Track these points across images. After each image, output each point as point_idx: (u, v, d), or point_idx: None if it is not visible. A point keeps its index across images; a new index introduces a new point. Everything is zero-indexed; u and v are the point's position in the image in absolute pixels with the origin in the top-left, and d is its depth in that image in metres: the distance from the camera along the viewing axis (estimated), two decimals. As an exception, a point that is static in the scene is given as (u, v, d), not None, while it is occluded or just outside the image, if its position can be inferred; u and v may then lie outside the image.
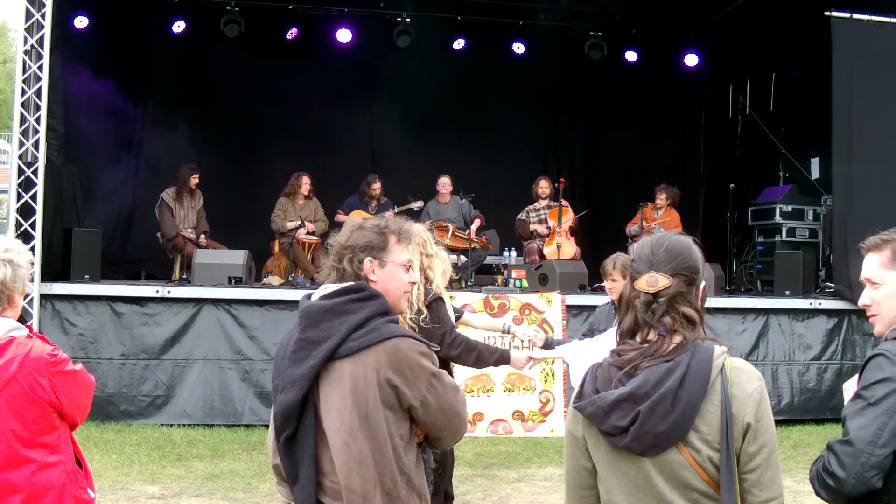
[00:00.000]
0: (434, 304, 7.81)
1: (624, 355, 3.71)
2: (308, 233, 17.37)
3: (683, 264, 3.75)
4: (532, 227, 18.14)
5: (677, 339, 3.65)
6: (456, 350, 7.98)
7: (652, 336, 3.69)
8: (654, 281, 3.71)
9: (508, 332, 9.73)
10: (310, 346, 4.45)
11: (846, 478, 4.02)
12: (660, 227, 18.27)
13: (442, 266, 8.05)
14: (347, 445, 4.40)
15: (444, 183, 18.35)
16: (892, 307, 4.38)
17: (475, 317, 10.03)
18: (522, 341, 10.30)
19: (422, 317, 7.62)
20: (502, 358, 8.40)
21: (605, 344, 8.22)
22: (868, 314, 4.48)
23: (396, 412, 4.50)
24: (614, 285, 8.82)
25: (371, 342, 4.43)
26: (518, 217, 18.45)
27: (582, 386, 3.78)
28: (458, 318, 8.91)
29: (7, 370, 4.93)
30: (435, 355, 4.65)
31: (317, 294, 4.61)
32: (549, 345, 9.21)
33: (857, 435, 4.05)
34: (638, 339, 3.75)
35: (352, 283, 4.58)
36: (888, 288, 4.39)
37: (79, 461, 5.33)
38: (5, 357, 4.96)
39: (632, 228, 18.70)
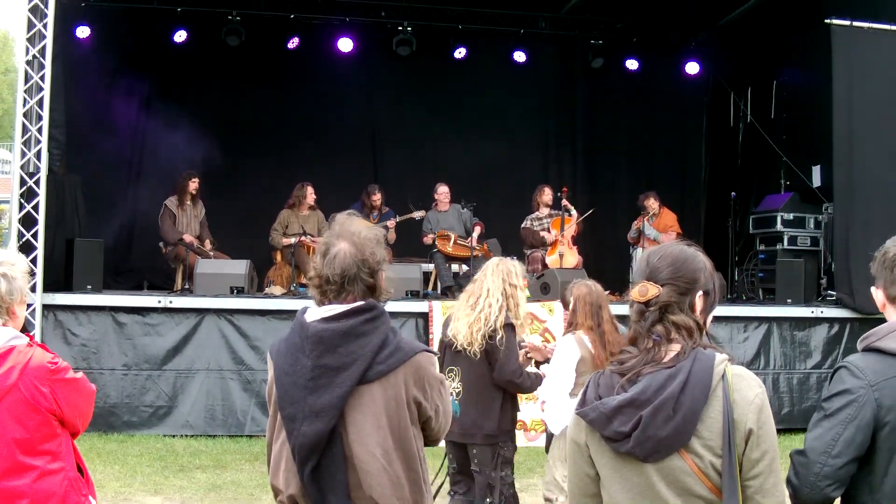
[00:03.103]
0: (507, 327, 8.14)
1: (625, 362, 3.74)
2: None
3: (677, 273, 3.78)
4: (542, 233, 18.12)
5: (675, 347, 3.68)
6: (528, 383, 8.41)
7: (650, 343, 3.72)
8: (644, 290, 3.76)
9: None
10: (330, 373, 4.38)
11: (800, 487, 4.12)
12: (655, 230, 18.34)
13: (523, 302, 8.42)
14: (385, 469, 4.40)
15: (443, 192, 18.33)
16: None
17: None
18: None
19: (498, 337, 8.07)
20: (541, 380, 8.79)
21: (562, 363, 8.37)
22: None
23: (417, 426, 4.55)
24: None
25: (399, 363, 4.44)
26: (523, 226, 18.42)
27: (584, 393, 3.81)
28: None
29: (8, 378, 4.94)
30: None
31: (318, 314, 4.53)
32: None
33: (812, 445, 4.12)
34: (638, 347, 3.77)
35: (361, 302, 4.51)
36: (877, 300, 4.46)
37: (80, 469, 5.34)
38: (6, 365, 4.97)
39: (630, 233, 18.83)
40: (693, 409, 3.54)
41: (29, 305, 13.23)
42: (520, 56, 21.47)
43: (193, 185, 17.53)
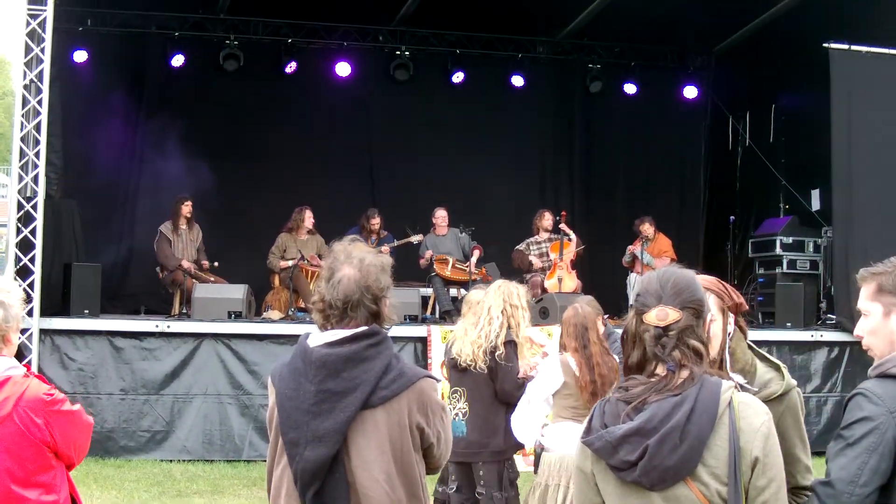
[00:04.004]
0: (508, 344, 8.37)
1: (631, 389, 3.68)
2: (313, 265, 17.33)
3: (691, 297, 3.72)
4: (531, 258, 18.09)
5: (685, 373, 3.63)
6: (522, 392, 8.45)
7: (660, 370, 3.67)
8: (664, 315, 3.67)
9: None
10: (333, 397, 4.35)
11: None
12: (649, 255, 18.32)
13: (527, 319, 8.69)
14: (388, 495, 4.38)
15: (441, 216, 18.30)
16: (877, 340, 4.38)
17: None
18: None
19: (497, 353, 8.29)
20: None
21: (544, 382, 8.38)
22: (863, 346, 4.48)
23: (419, 452, 4.52)
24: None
25: (402, 388, 4.41)
26: (517, 248, 18.39)
27: (590, 421, 3.75)
28: None
29: (2, 409, 4.91)
30: None
31: (321, 339, 4.49)
32: None
33: (838, 476, 4.07)
34: (644, 374, 3.72)
35: (365, 327, 4.47)
36: (874, 319, 4.40)
37: (74, 500, 5.30)
38: (1, 396, 4.93)
39: (625, 258, 18.85)
40: (699, 438, 3.51)
41: (26, 330, 13.24)
42: (518, 80, 21.47)
43: (186, 208, 17.49)
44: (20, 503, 4.97)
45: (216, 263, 17.50)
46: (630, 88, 21.94)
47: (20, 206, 14.12)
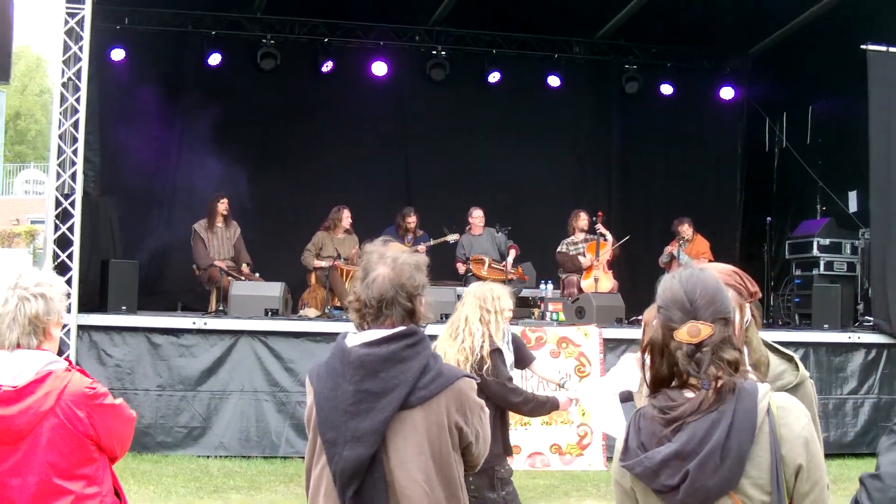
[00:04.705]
0: (494, 353, 8.09)
1: (669, 412, 3.57)
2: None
3: (721, 306, 3.62)
4: (579, 258, 18.07)
5: (720, 384, 3.53)
6: (518, 398, 8.35)
7: (693, 382, 3.57)
8: (696, 331, 3.56)
9: (563, 388, 9.85)
10: (371, 398, 4.35)
11: None
12: (687, 256, 18.24)
13: (502, 325, 8.33)
14: (427, 495, 4.37)
15: (478, 216, 18.32)
16: None
17: (538, 364, 10.15)
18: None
19: (485, 367, 7.97)
20: (553, 407, 8.75)
21: (618, 376, 8.30)
22: None
23: (458, 452, 4.52)
24: None
25: (441, 388, 4.41)
26: (559, 250, 18.40)
27: (627, 441, 3.68)
28: (531, 362, 9.46)
29: (44, 403, 4.92)
30: None
31: (358, 339, 4.50)
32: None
33: (888, 470, 4.02)
34: (674, 389, 3.63)
35: (403, 327, 4.48)
36: None
37: (118, 493, 5.31)
38: (43, 390, 4.94)
39: (662, 258, 18.76)
40: (740, 454, 3.45)
41: (64, 326, 13.28)
42: (554, 80, 21.46)
43: (223, 206, 17.54)
44: (63, 495, 4.97)
45: (250, 263, 17.55)
46: (666, 89, 21.89)
47: (58, 203, 14.19)
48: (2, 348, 5.02)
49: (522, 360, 9.21)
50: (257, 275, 17.30)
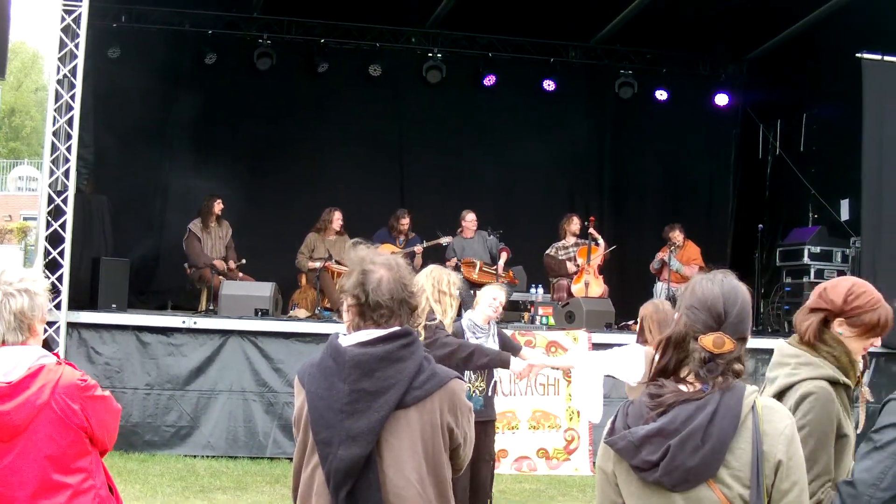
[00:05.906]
0: (427, 328, 8.23)
1: (657, 397, 3.68)
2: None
3: (745, 327, 3.71)
4: (567, 263, 18.08)
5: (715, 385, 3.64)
6: (481, 360, 8.61)
7: (691, 378, 3.68)
8: (721, 343, 3.66)
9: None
10: (367, 397, 4.36)
11: None
12: (678, 262, 18.26)
13: (454, 307, 8.56)
14: (420, 495, 4.39)
15: (471, 220, 18.30)
16: None
17: (526, 351, 10.18)
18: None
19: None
20: (500, 362, 8.85)
21: (617, 360, 8.33)
22: None
23: (447, 453, 4.54)
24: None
25: (435, 388, 4.43)
26: (547, 253, 18.41)
27: (613, 422, 3.78)
28: (519, 351, 9.64)
29: (40, 396, 4.94)
30: None
31: (353, 339, 4.50)
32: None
33: (861, 477, 4.09)
34: (670, 381, 3.72)
35: (398, 328, 4.49)
36: None
37: (110, 488, 5.34)
38: (37, 384, 4.96)
39: (654, 264, 18.78)
40: (722, 440, 3.52)
41: (53, 323, 13.32)
42: (549, 84, 21.48)
43: (217, 206, 17.61)
44: (61, 490, 5.00)
45: (244, 261, 17.58)
46: (661, 95, 21.88)
47: (50, 200, 14.19)
48: (-13, 345, 5.04)
49: (510, 351, 9.32)
50: (241, 274, 17.30)
